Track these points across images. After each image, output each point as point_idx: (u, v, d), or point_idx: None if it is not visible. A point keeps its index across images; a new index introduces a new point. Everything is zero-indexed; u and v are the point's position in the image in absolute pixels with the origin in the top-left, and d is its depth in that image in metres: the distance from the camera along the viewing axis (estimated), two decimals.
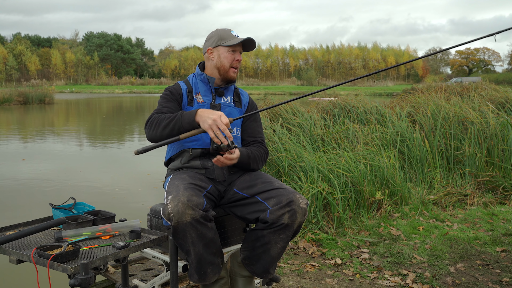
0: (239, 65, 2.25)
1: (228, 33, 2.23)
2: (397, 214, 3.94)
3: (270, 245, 1.96)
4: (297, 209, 1.93)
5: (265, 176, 2.14)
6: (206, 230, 1.89)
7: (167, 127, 2.00)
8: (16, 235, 1.72)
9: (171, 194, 1.89)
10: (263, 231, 1.96)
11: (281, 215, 1.92)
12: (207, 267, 1.94)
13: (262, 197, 2.01)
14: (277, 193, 1.99)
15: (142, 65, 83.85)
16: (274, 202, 1.96)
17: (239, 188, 2.11)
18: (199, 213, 1.85)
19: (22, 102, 25.14)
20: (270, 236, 1.95)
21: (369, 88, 49.83)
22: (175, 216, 1.82)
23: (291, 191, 1.98)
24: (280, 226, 1.93)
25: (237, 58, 2.21)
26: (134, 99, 36.99)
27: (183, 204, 1.83)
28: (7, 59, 64.96)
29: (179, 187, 1.93)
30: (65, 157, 8.58)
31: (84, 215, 2.03)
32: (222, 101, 2.27)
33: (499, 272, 2.83)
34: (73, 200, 2.21)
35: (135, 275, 2.50)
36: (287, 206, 1.93)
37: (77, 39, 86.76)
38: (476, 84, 9.98)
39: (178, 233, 1.86)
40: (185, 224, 1.83)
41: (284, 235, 1.95)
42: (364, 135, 5.16)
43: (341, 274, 2.84)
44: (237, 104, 2.32)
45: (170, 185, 2.02)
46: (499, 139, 5.04)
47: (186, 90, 2.25)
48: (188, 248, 1.90)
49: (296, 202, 1.94)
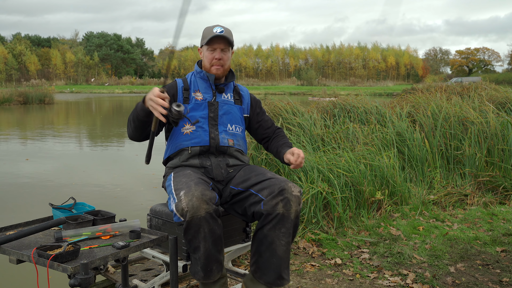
0: (220, 62, 2.21)
1: (210, 31, 2.22)
2: (397, 214, 3.94)
3: (274, 245, 1.94)
4: (290, 197, 1.93)
5: (259, 169, 2.15)
6: (216, 226, 1.91)
7: (132, 121, 2.09)
8: (16, 235, 1.72)
9: (183, 190, 1.89)
10: (263, 229, 1.95)
11: (275, 204, 1.92)
12: (213, 264, 1.94)
13: (255, 189, 2.02)
14: (269, 183, 1.99)
15: (142, 65, 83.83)
16: (267, 193, 1.96)
17: (234, 184, 2.12)
18: (213, 208, 1.88)
19: (22, 102, 25.13)
20: (271, 235, 1.94)
21: (369, 88, 49.80)
22: (190, 210, 1.83)
23: (283, 180, 1.99)
24: (277, 217, 1.92)
25: (216, 57, 2.20)
26: (134, 99, 36.98)
27: (197, 199, 1.84)
28: (7, 59, 64.92)
29: (189, 183, 1.93)
30: (65, 157, 8.58)
31: (84, 215, 2.03)
32: (222, 98, 2.27)
33: (499, 272, 2.83)
34: (73, 200, 2.21)
35: (135, 275, 2.50)
36: (280, 195, 1.93)
37: (77, 39, 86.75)
38: (476, 84, 9.97)
39: (191, 228, 1.86)
40: (199, 218, 1.84)
41: (285, 228, 1.94)
42: (364, 135, 5.15)
43: (341, 274, 2.84)
44: (237, 102, 2.33)
45: (176, 182, 2.01)
46: (499, 139, 5.03)
47: (182, 87, 2.25)
48: (198, 244, 1.89)
49: (288, 190, 1.94)
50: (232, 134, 2.25)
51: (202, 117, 2.21)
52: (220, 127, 2.22)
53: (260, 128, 2.40)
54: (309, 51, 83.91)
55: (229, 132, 2.24)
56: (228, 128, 2.25)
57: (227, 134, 2.23)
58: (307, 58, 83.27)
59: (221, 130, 2.22)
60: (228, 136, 2.23)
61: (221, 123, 2.23)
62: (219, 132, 2.21)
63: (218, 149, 2.19)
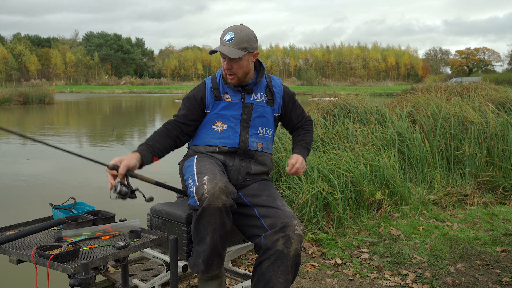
0: (231, 72, 2.12)
1: (221, 36, 2.12)
2: (397, 214, 3.94)
3: (272, 283, 1.88)
4: (291, 235, 1.86)
5: (272, 190, 2.11)
6: (228, 221, 1.90)
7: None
8: (16, 235, 1.72)
9: (207, 175, 1.88)
10: (262, 266, 1.90)
11: (275, 240, 1.87)
12: (215, 259, 1.93)
13: (260, 212, 1.98)
14: (275, 213, 1.94)
15: (142, 65, 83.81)
16: (270, 223, 1.92)
17: (244, 194, 2.09)
18: (230, 202, 1.87)
19: (22, 102, 25.13)
20: (269, 272, 1.88)
21: (369, 88, 49.79)
22: (209, 198, 1.82)
23: (289, 215, 1.92)
24: (275, 253, 1.86)
25: (225, 67, 2.12)
26: (134, 99, 36.98)
27: (220, 189, 1.83)
28: (7, 59, 64.91)
29: (214, 170, 1.92)
30: (65, 156, 8.57)
31: (84, 215, 2.03)
32: (252, 99, 2.19)
33: (499, 272, 2.83)
34: (73, 200, 2.21)
35: (135, 275, 2.50)
36: (281, 231, 1.87)
37: (77, 39, 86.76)
38: (476, 84, 9.97)
39: (204, 216, 1.85)
40: (215, 208, 1.83)
41: (283, 266, 1.87)
42: (364, 135, 5.16)
43: (341, 274, 2.84)
44: (270, 102, 2.23)
45: (200, 165, 1.99)
46: (499, 139, 5.03)
47: (211, 88, 2.19)
48: (206, 235, 1.88)
49: (291, 227, 1.87)
50: (262, 137, 2.20)
51: (235, 117, 2.15)
52: (251, 129, 2.17)
53: (290, 122, 2.36)
54: (309, 51, 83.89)
55: (259, 136, 2.19)
56: (259, 131, 2.19)
57: (257, 138, 2.18)
58: (307, 58, 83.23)
59: (252, 133, 2.16)
60: (258, 139, 2.18)
61: (252, 126, 2.17)
62: (250, 135, 2.16)
63: (246, 152, 2.14)
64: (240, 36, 2.07)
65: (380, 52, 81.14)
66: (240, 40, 2.07)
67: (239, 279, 2.43)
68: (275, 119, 2.29)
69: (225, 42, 2.08)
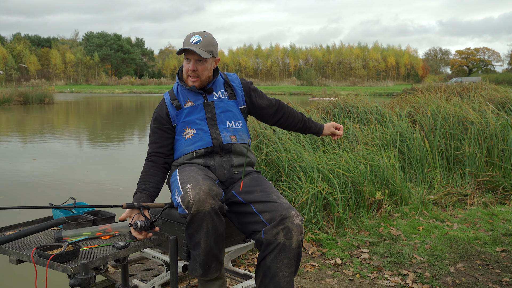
0: (195, 74, 2.16)
1: (187, 39, 2.17)
2: (397, 214, 3.94)
3: (278, 277, 1.89)
4: (291, 226, 1.87)
5: (265, 184, 2.11)
6: (220, 223, 1.90)
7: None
8: (16, 235, 1.71)
9: (190, 183, 1.89)
10: (265, 260, 1.91)
11: (275, 234, 1.88)
12: (212, 262, 1.94)
13: (257, 208, 1.98)
14: (272, 207, 1.95)
15: (142, 65, 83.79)
16: (268, 217, 1.93)
17: (237, 191, 2.09)
18: (218, 204, 1.88)
19: (22, 102, 25.13)
20: (274, 266, 1.88)
21: (369, 88, 49.80)
22: (195, 204, 1.83)
23: (286, 207, 1.93)
24: (278, 247, 1.87)
25: (190, 68, 2.16)
26: (134, 99, 37.00)
27: (204, 193, 1.84)
28: (7, 59, 64.89)
29: (197, 177, 1.93)
30: (66, 156, 8.58)
31: (84, 215, 2.03)
32: (214, 98, 2.24)
33: (499, 272, 2.83)
34: (73, 200, 2.21)
35: (135, 275, 2.50)
36: (280, 223, 1.88)
37: (77, 39, 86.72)
38: (476, 84, 9.97)
39: (195, 222, 1.86)
40: (204, 213, 1.84)
41: (287, 259, 1.88)
42: (364, 135, 5.16)
43: (341, 274, 2.84)
44: (231, 96, 2.28)
45: (182, 176, 2.01)
46: (499, 139, 5.04)
47: (170, 101, 2.24)
48: (200, 239, 1.89)
49: (290, 219, 1.88)
50: (233, 130, 2.22)
51: (200, 119, 2.19)
52: (220, 125, 2.20)
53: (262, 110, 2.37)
54: (309, 51, 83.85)
55: (230, 129, 2.21)
56: (228, 125, 2.22)
57: (228, 132, 2.20)
58: (307, 58, 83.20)
59: (222, 129, 2.20)
60: (230, 133, 2.20)
61: (220, 122, 2.21)
62: (220, 130, 2.19)
63: (223, 148, 2.17)
64: (207, 39, 2.16)
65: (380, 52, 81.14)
66: (208, 44, 2.15)
67: (239, 279, 2.43)
68: (242, 111, 2.31)
69: (192, 43, 2.13)
